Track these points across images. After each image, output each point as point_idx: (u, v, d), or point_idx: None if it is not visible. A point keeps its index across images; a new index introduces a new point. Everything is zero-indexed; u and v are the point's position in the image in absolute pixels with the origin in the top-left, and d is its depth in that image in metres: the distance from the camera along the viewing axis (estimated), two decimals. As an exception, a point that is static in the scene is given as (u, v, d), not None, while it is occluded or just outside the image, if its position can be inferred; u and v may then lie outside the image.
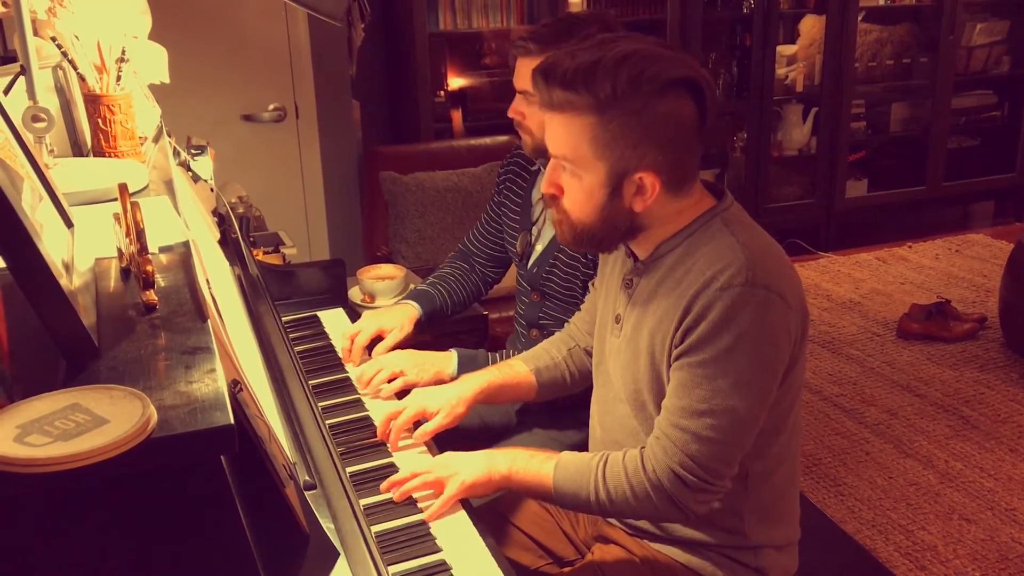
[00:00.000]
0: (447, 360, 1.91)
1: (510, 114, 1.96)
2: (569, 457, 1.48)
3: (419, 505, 1.48)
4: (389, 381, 1.83)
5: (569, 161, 1.37)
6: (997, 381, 3.48)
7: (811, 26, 4.70)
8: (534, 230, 2.07)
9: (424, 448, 1.66)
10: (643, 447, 1.43)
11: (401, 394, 1.80)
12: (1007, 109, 5.19)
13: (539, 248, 2.05)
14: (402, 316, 2.07)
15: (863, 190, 4.99)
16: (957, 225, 5.23)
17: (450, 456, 1.54)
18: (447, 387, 1.70)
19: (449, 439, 1.80)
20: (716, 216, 1.41)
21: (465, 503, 1.50)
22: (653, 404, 1.45)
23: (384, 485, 1.50)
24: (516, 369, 1.74)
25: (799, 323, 1.40)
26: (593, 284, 1.74)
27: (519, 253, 2.09)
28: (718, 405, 1.34)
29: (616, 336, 1.52)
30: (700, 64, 1.37)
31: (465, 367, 1.89)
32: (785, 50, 4.69)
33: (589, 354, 1.74)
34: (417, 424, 1.67)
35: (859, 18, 4.66)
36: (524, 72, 1.88)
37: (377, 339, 2.01)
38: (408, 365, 1.86)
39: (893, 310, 4.09)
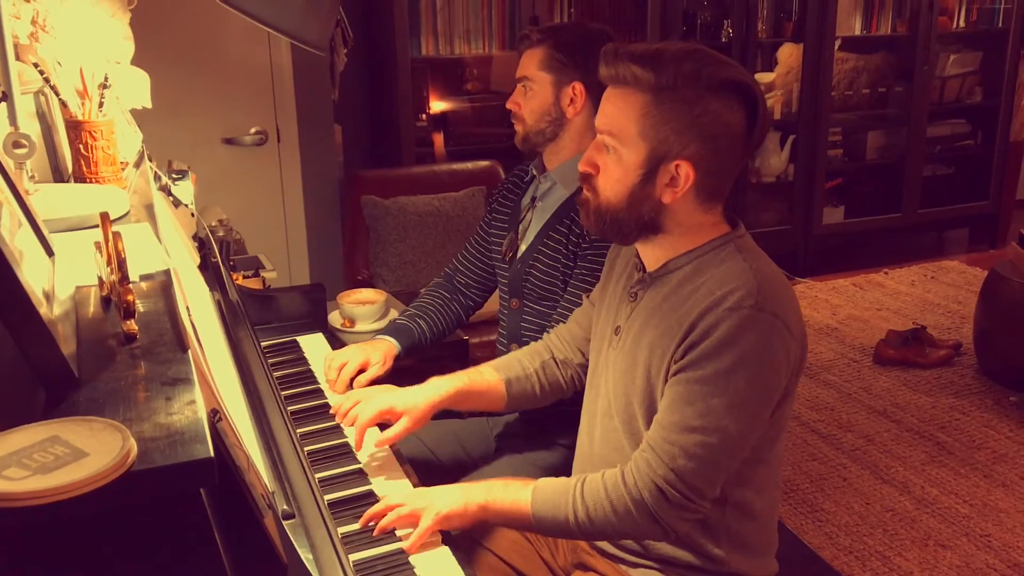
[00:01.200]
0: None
1: (508, 105, 2.07)
2: (546, 482, 1.48)
3: (397, 534, 1.47)
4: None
5: (614, 135, 1.41)
6: (972, 407, 3.51)
7: (788, 54, 4.77)
8: (520, 229, 2.11)
9: (402, 473, 1.65)
10: (623, 465, 1.43)
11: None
12: (980, 138, 5.27)
13: (523, 247, 2.09)
14: (380, 350, 2.05)
15: (840, 216, 5.04)
16: (932, 252, 5.29)
17: (423, 491, 1.53)
18: (414, 390, 1.69)
19: (428, 466, 1.80)
20: (730, 242, 1.45)
21: (444, 531, 1.49)
22: (642, 418, 1.46)
23: (363, 520, 1.49)
24: (486, 377, 1.74)
25: (799, 353, 1.42)
26: (588, 298, 1.75)
27: (504, 252, 2.12)
28: (711, 423, 1.35)
29: (614, 348, 1.53)
30: None
31: None
32: (763, 78, 4.75)
33: (565, 365, 1.76)
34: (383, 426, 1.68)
35: (836, 47, 4.73)
36: (525, 61, 2.02)
37: (361, 370, 2.01)
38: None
39: (870, 336, 4.13)
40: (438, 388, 1.69)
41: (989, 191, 5.25)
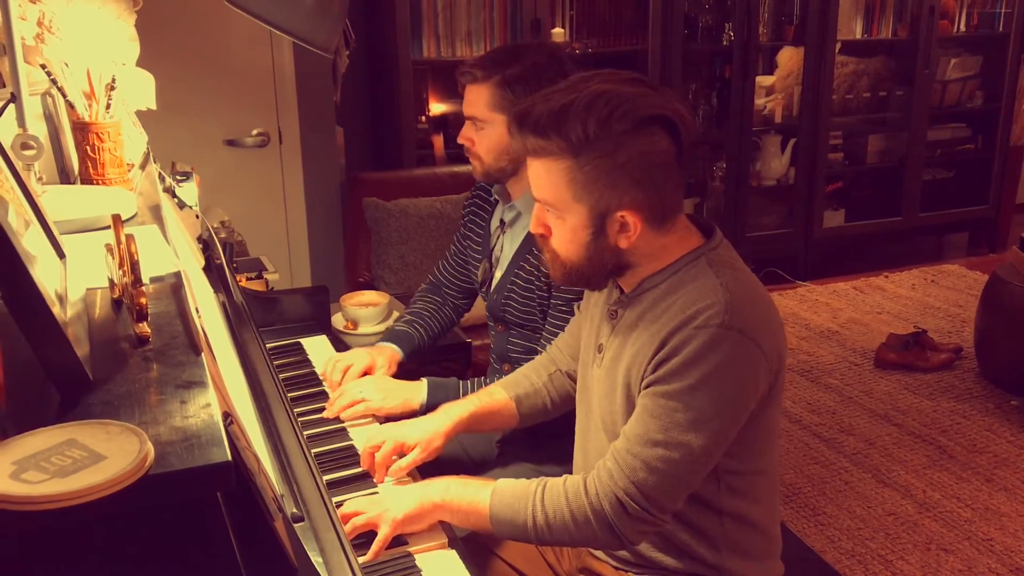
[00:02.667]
0: (416, 389, 1.91)
1: (460, 140, 1.98)
2: (506, 483, 1.47)
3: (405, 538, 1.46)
4: (352, 407, 1.82)
5: (550, 205, 1.40)
6: (973, 411, 3.52)
7: (789, 58, 4.77)
8: (493, 256, 2.09)
9: (410, 479, 1.65)
10: (586, 473, 1.43)
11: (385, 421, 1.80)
12: (980, 142, 5.28)
13: (498, 275, 2.07)
14: (388, 355, 2.06)
15: (840, 220, 5.05)
16: (933, 256, 5.30)
17: (383, 493, 1.53)
18: (426, 419, 1.69)
19: (431, 470, 1.79)
20: (702, 256, 1.42)
21: (450, 533, 1.49)
22: None
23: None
24: (496, 397, 1.74)
25: (771, 370, 1.40)
26: (579, 307, 1.74)
27: (480, 281, 2.11)
28: (673, 438, 1.35)
29: (598, 366, 1.53)
30: (680, 95, 1.39)
31: (435, 395, 1.89)
32: (764, 81, 4.76)
33: (571, 378, 1.75)
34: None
35: (836, 50, 4.73)
36: (472, 99, 1.92)
37: (366, 373, 2.01)
38: (372, 391, 1.85)
39: (870, 339, 4.13)
40: (449, 416, 1.68)
41: (989, 195, 5.26)
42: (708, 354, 1.33)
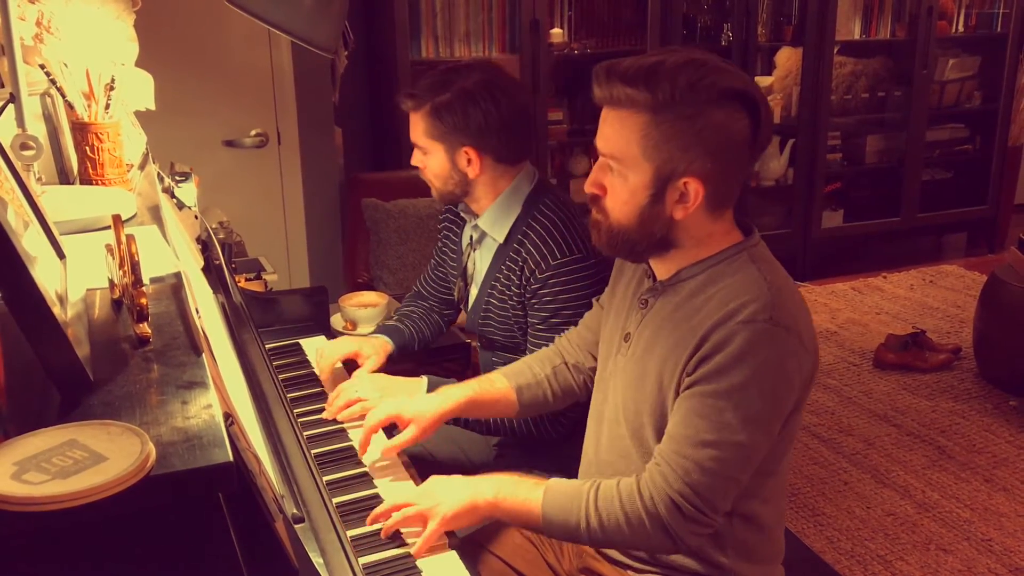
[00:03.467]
0: (416, 386, 1.90)
1: (413, 163, 1.97)
2: (558, 483, 1.47)
3: (405, 538, 1.46)
4: (349, 407, 1.81)
5: (616, 159, 1.37)
6: (972, 411, 3.52)
7: (787, 58, 4.78)
8: (467, 275, 2.08)
9: (407, 476, 1.65)
10: (639, 475, 1.42)
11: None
12: (979, 143, 5.29)
13: (474, 291, 2.06)
14: (379, 345, 2.06)
15: (839, 220, 5.05)
16: (931, 256, 5.30)
17: (433, 484, 1.51)
18: (425, 397, 1.68)
19: (428, 471, 1.78)
20: (744, 251, 1.42)
21: (450, 534, 1.49)
22: (651, 428, 1.45)
23: (369, 519, 1.48)
24: (496, 385, 1.73)
25: (811, 366, 1.40)
26: (598, 301, 1.73)
27: (457, 299, 2.11)
28: (725, 438, 1.34)
29: (624, 354, 1.51)
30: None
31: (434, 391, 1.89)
32: (762, 81, 4.76)
33: (578, 371, 1.75)
34: (388, 432, 1.66)
35: (835, 51, 4.74)
36: (412, 126, 1.91)
37: (354, 363, 2.01)
38: (370, 390, 1.83)
39: (869, 340, 4.13)
40: (447, 397, 1.67)
41: (988, 195, 5.26)
42: (754, 351, 1.32)
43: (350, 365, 2.06)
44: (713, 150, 1.33)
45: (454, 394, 1.68)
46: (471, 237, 2.05)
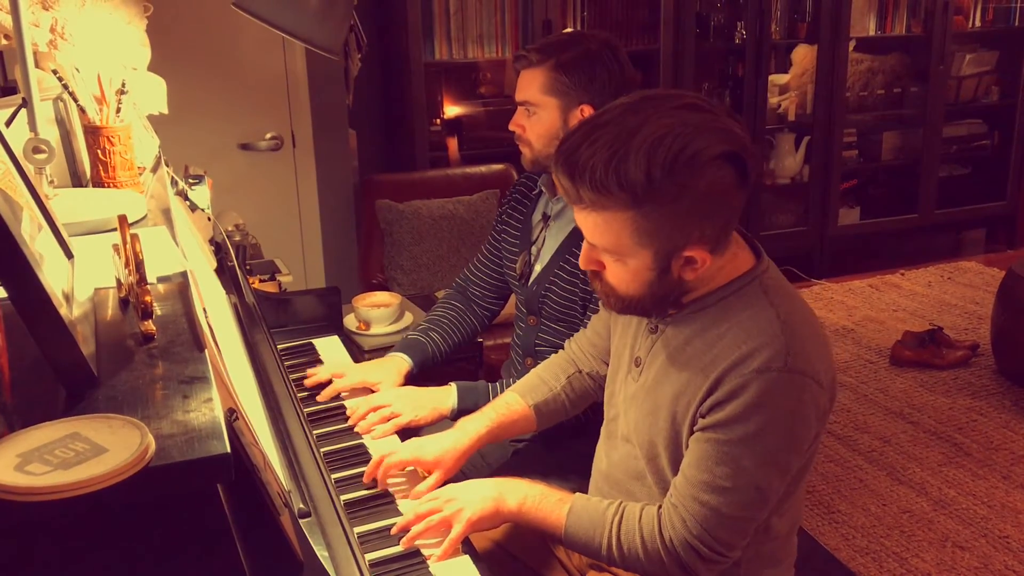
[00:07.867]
0: (446, 395, 1.89)
1: (511, 127, 1.98)
2: (583, 504, 1.46)
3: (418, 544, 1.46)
4: (382, 422, 1.80)
5: (610, 252, 1.33)
6: (990, 408, 3.50)
7: (803, 56, 4.76)
8: (533, 249, 2.07)
9: (415, 469, 1.65)
10: (660, 508, 1.41)
11: (403, 433, 1.80)
12: (997, 138, 5.25)
13: (538, 268, 2.04)
14: (391, 369, 2.02)
15: (856, 218, 5.03)
16: (949, 253, 5.27)
17: (455, 489, 1.50)
18: (444, 436, 1.66)
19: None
20: (755, 280, 1.38)
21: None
22: (667, 459, 1.43)
23: (394, 529, 1.47)
24: (513, 407, 1.72)
25: (828, 400, 1.37)
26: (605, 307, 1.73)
27: (518, 274, 2.10)
28: (742, 483, 1.32)
29: (634, 380, 1.49)
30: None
31: (464, 400, 1.88)
32: (777, 79, 4.75)
33: (592, 378, 1.74)
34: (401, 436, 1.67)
35: (850, 48, 4.72)
36: (525, 83, 1.92)
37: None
38: (403, 404, 1.83)
39: (886, 337, 4.11)
40: (467, 433, 1.65)
41: (1006, 191, 5.22)
42: (770, 400, 1.29)
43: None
44: (708, 213, 1.28)
45: (472, 429, 1.66)
46: (545, 215, 2.04)
